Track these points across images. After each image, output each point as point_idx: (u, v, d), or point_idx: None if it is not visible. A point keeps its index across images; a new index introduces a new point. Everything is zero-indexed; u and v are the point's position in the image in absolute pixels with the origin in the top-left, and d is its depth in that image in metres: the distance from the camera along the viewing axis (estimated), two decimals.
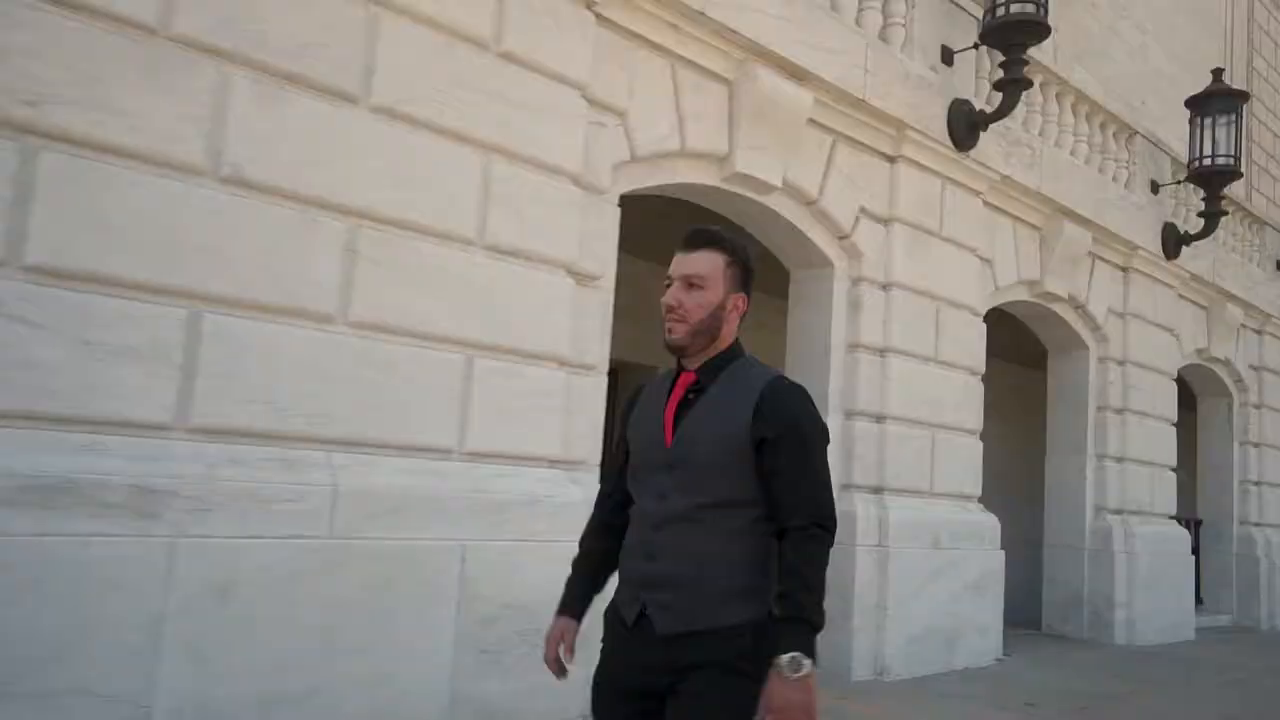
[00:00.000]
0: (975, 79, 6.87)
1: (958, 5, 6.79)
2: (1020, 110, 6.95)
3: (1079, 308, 8.14)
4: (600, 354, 4.56)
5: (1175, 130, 13.70)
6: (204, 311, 3.27)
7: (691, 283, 1.91)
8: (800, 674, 1.70)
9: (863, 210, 6.00)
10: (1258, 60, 16.96)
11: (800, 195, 5.65)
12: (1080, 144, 8.04)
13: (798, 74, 5.39)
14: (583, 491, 4.12)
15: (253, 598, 3.23)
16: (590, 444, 4.50)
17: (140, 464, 3.06)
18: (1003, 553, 6.70)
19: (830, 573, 5.47)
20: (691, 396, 1.93)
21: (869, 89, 5.81)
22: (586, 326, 4.44)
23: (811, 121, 5.56)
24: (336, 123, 3.61)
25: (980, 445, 6.80)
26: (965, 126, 6.46)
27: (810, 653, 1.72)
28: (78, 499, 2.91)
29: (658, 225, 4.90)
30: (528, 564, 3.91)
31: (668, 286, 1.94)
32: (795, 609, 1.74)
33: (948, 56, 6.58)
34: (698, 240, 1.96)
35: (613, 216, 4.66)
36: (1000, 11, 6.18)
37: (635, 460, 1.98)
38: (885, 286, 6.11)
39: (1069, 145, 7.90)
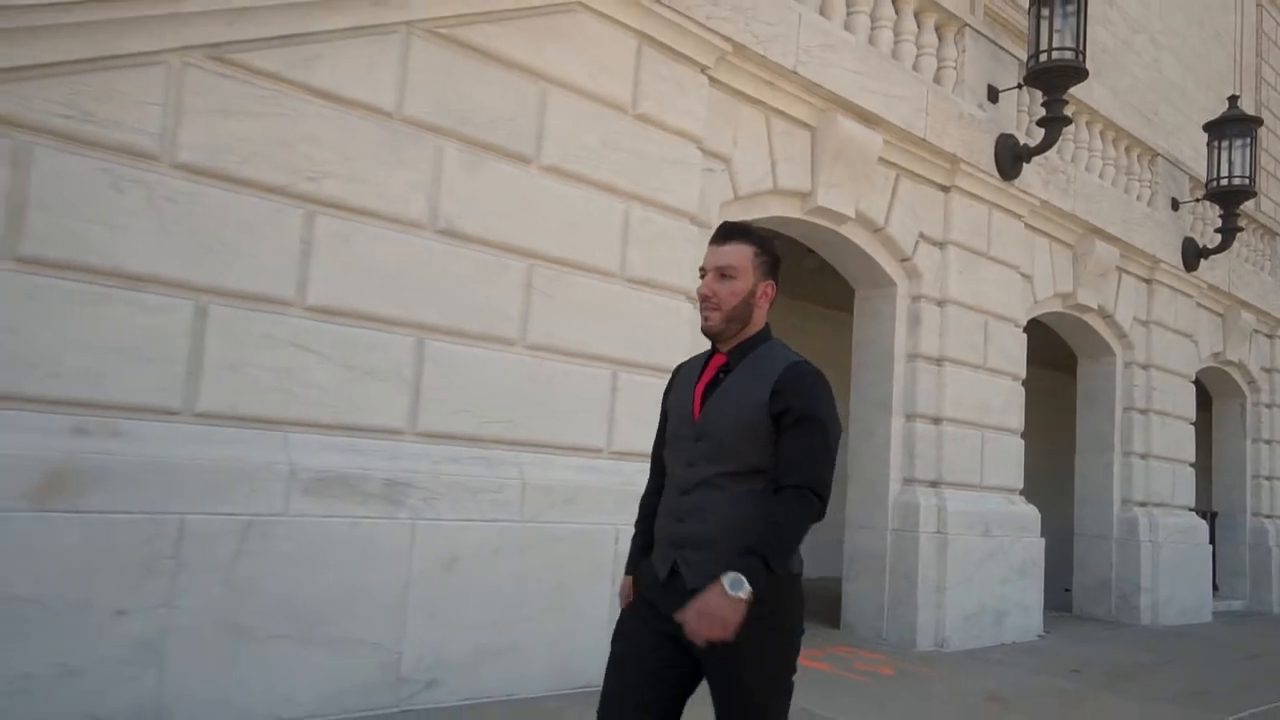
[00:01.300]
0: (1017, 113, 7.62)
1: (1000, 48, 7.55)
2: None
3: (1107, 317, 8.88)
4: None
5: (1188, 139, 14.48)
6: (426, 339, 4.05)
7: (724, 273, 2.05)
8: (735, 594, 1.81)
9: (922, 235, 6.76)
10: (1265, 69, 17.69)
11: (869, 224, 6.42)
12: (1108, 167, 8.79)
13: (870, 119, 6.15)
14: None
15: (469, 570, 4.02)
16: None
17: (387, 461, 3.84)
18: (1043, 540, 7.47)
19: (897, 557, 6.37)
20: (721, 376, 2.07)
21: (928, 129, 6.57)
22: (703, 343, 5.20)
23: (880, 159, 6.32)
24: (517, 181, 4.39)
25: (1021, 443, 7.56)
26: (1010, 158, 7.21)
27: (755, 583, 1.82)
28: (348, 489, 3.70)
29: None
30: None
31: (702, 277, 2.09)
32: (760, 545, 1.86)
33: (993, 95, 7.33)
34: (728, 234, 2.11)
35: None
36: (1043, 57, 6.93)
37: (670, 432, 2.14)
38: (941, 303, 6.86)
39: (1098, 169, 8.65)
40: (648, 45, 4.90)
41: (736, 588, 1.80)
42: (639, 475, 4.77)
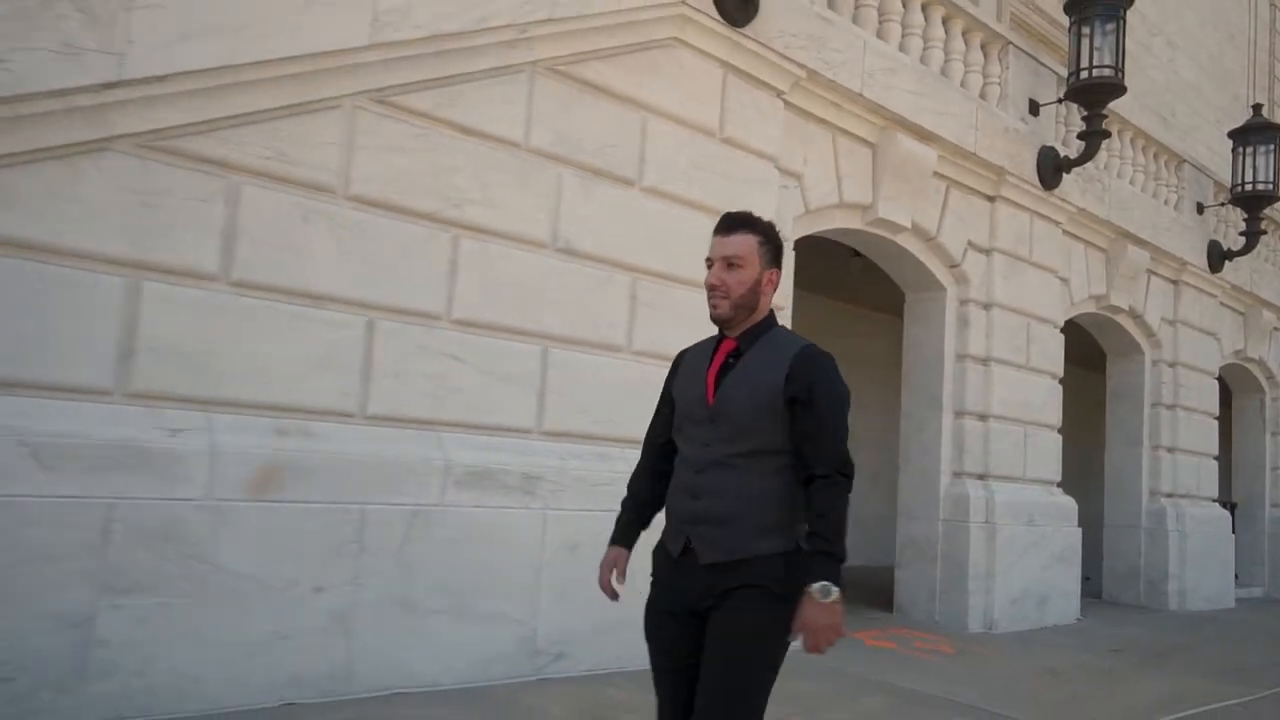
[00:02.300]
0: (1055, 125, 8.03)
1: (1040, 63, 7.96)
2: None
3: (1137, 317, 9.31)
4: None
5: (1203, 139, 14.87)
6: (550, 347, 4.51)
7: (731, 263, 2.10)
8: (829, 599, 1.91)
9: (970, 243, 7.19)
10: (1279, 67, 18.04)
11: (923, 233, 6.85)
12: (1138, 174, 9.20)
13: (925, 136, 6.58)
14: None
15: (589, 554, 4.44)
16: None
17: (521, 457, 4.30)
18: (1080, 530, 7.92)
19: (949, 545, 6.86)
20: (732, 361, 2.12)
21: (978, 144, 7.00)
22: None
23: (934, 173, 6.75)
24: (622, 202, 4.83)
25: (1059, 438, 8.00)
26: (1051, 169, 7.64)
27: (837, 581, 1.93)
28: (492, 482, 4.16)
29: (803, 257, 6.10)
30: None
31: (709, 267, 2.15)
32: (824, 544, 1.95)
33: (1034, 108, 7.75)
34: (733, 224, 2.16)
35: (790, 259, 5.87)
36: (1084, 74, 7.35)
37: (681, 415, 2.18)
38: (987, 306, 7.30)
39: (1128, 175, 9.06)
40: (732, 74, 5.34)
41: (826, 594, 1.91)
42: None
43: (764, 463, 2.04)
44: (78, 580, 3.06)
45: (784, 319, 5.73)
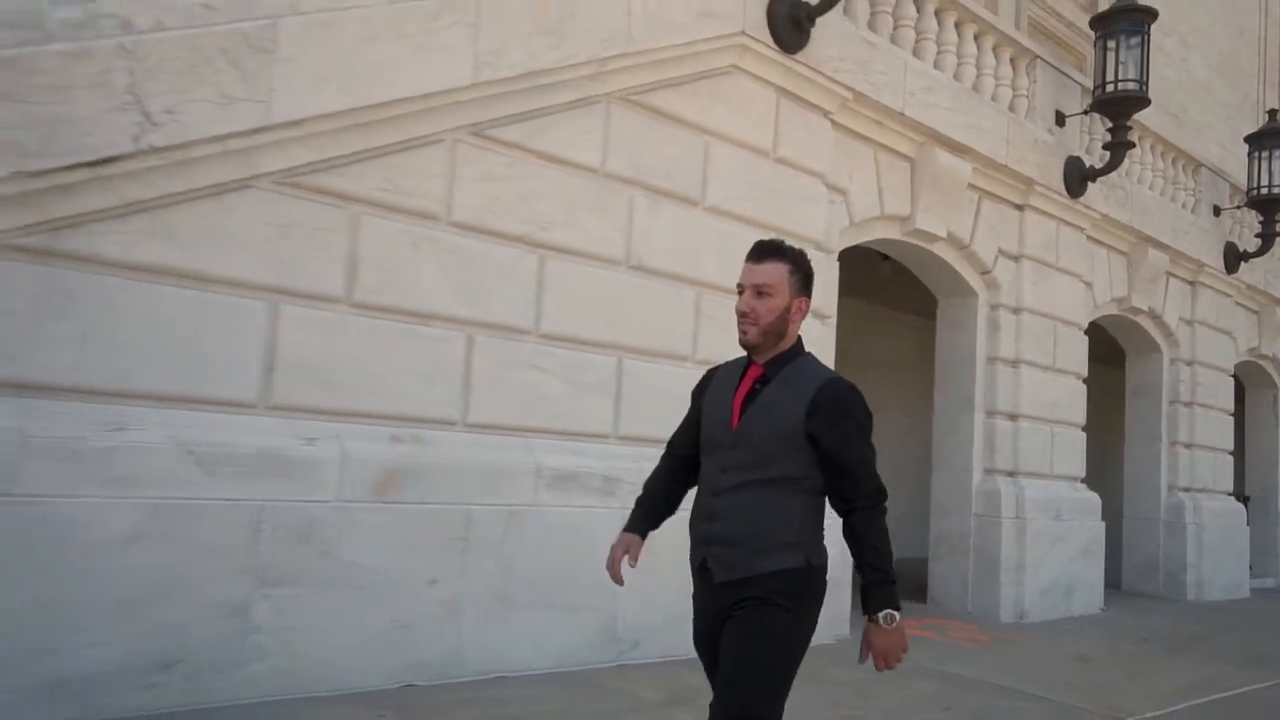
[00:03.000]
0: (1079, 134, 8.35)
1: (1066, 75, 8.27)
2: None
3: (1156, 318, 9.63)
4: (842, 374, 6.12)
5: (1214, 137, 15.13)
6: (624, 358, 4.86)
7: (761, 290, 2.16)
8: (894, 625, 2.05)
9: (1000, 250, 7.52)
10: None
11: (957, 242, 7.18)
12: (1157, 179, 9.51)
13: (960, 150, 6.91)
14: None
15: (661, 550, 4.77)
16: None
17: (601, 461, 4.66)
18: (1104, 524, 8.27)
19: (980, 539, 7.25)
20: (758, 387, 2.16)
21: (1009, 156, 7.32)
22: (828, 355, 6.01)
23: (968, 185, 7.08)
24: (687, 221, 5.17)
25: (1084, 436, 8.34)
26: (1077, 179, 7.96)
27: (896, 606, 2.06)
28: (576, 484, 4.52)
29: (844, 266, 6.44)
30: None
31: (740, 293, 2.21)
32: (878, 574, 2.05)
33: (1060, 120, 8.07)
34: (764, 252, 2.21)
35: (836, 269, 6.22)
36: (1109, 87, 7.66)
37: (705, 438, 2.24)
38: (1016, 311, 7.63)
39: (1148, 181, 9.37)
40: (785, 98, 5.67)
41: (890, 622, 2.04)
42: None
43: (778, 488, 2.09)
44: (235, 574, 3.42)
45: (829, 327, 6.09)
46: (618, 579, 2.36)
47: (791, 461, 2.09)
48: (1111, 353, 10.30)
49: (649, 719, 3.79)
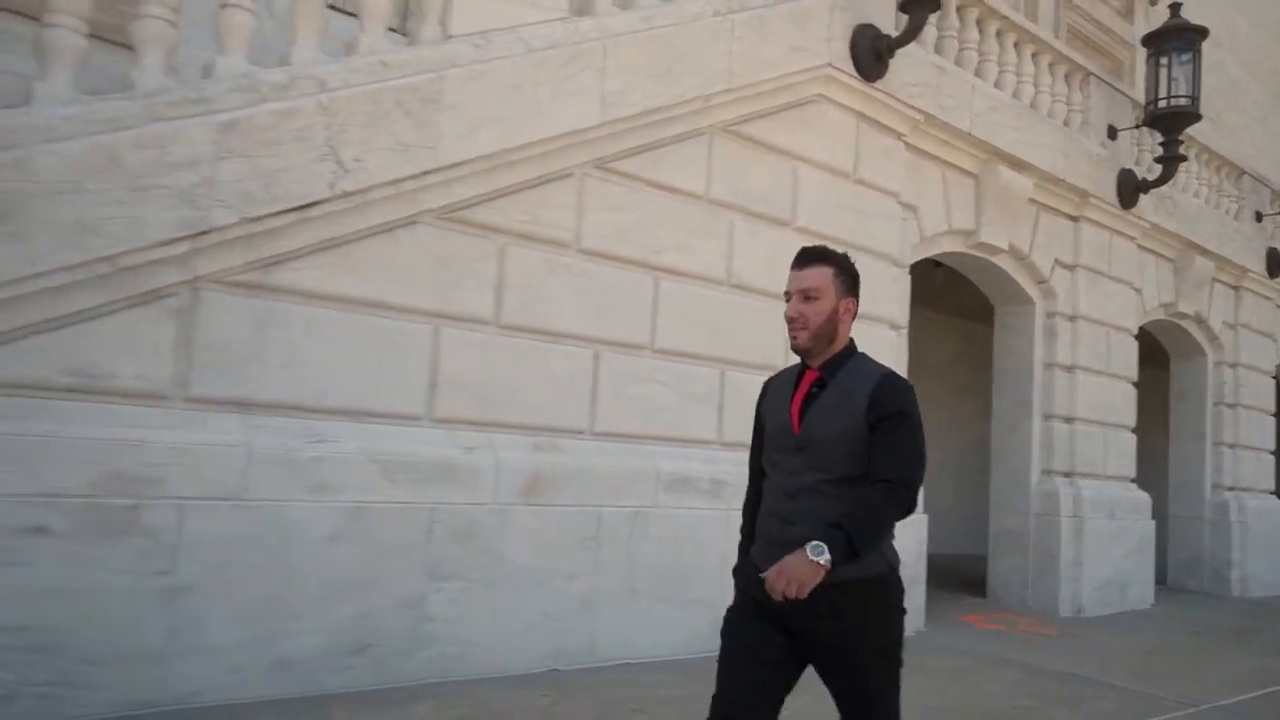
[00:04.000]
0: (1130, 146, 8.66)
1: (1118, 90, 8.59)
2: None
3: (1201, 322, 9.93)
4: (908, 378, 6.48)
5: (1248, 137, 15.30)
6: (726, 370, 5.25)
7: (808, 295, 2.18)
8: (815, 559, 1.92)
9: (1056, 260, 7.86)
10: None
11: (1017, 253, 7.53)
12: (1203, 187, 9.80)
13: (1021, 166, 7.25)
14: None
15: None
16: None
17: (708, 465, 5.05)
18: (1154, 522, 8.59)
19: (1039, 536, 7.66)
20: (816, 390, 2.18)
21: (1066, 170, 7.66)
22: (901, 363, 6.38)
23: (1028, 199, 7.42)
24: (780, 241, 5.55)
25: (1134, 437, 8.66)
26: (1130, 190, 8.28)
27: (834, 551, 1.93)
28: (689, 487, 4.92)
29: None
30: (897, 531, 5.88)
31: (787, 300, 2.22)
32: (846, 521, 1.98)
33: (1112, 133, 8.38)
34: (808, 258, 2.23)
35: (908, 282, 6.58)
36: (1162, 103, 7.98)
37: (770, 444, 2.25)
38: (1072, 318, 7.97)
39: (1193, 189, 9.67)
40: (864, 122, 6.04)
41: (817, 553, 1.92)
42: None
43: (851, 487, 2.08)
44: (412, 569, 3.84)
45: (901, 337, 6.46)
46: None
47: (860, 459, 2.09)
48: (1153, 355, 10.60)
49: None
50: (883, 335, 6.17)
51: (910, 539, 6.15)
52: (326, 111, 3.63)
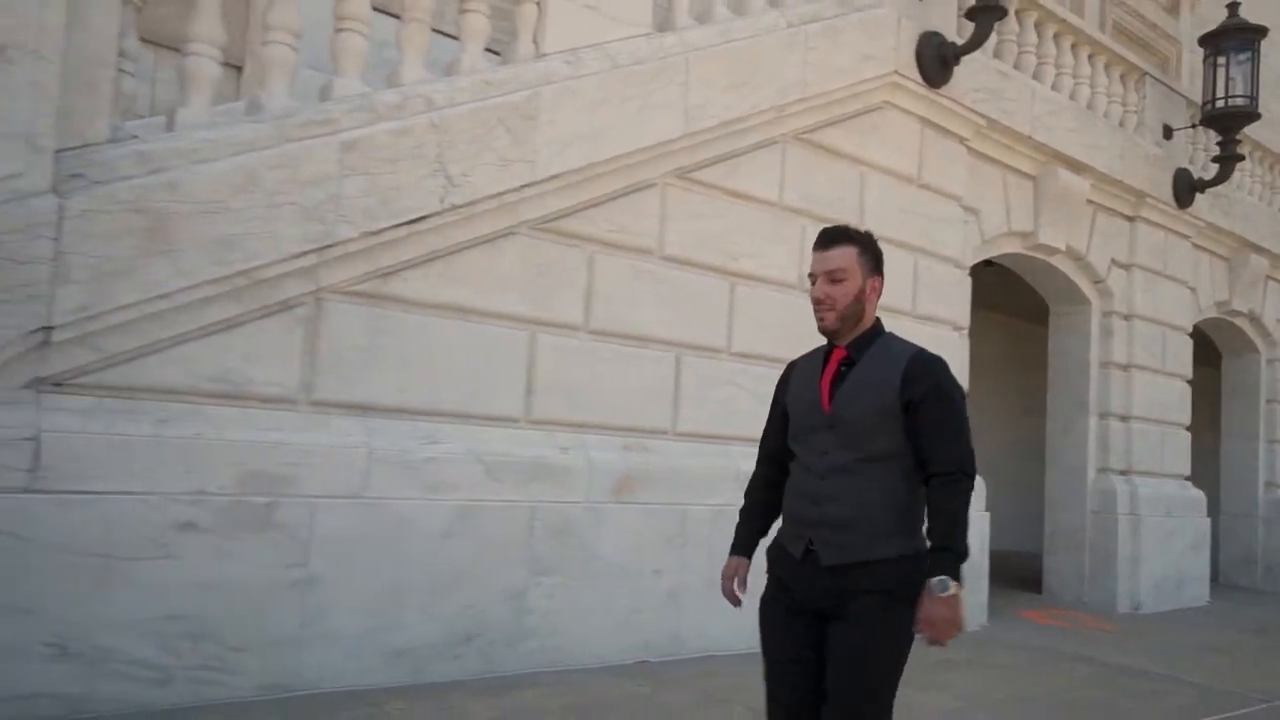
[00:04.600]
0: (1185, 146, 8.67)
1: (1173, 90, 8.61)
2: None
3: (1254, 319, 9.90)
4: (964, 382, 6.60)
5: None
6: None
7: (834, 277, 2.17)
8: (947, 593, 1.94)
9: (1113, 260, 7.91)
10: None
11: (1074, 254, 7.59)
12: (1256, 184, 9.77)
13: (1079, 168, 7.32)
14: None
15: None
16: None
17: None
18: (1209, 520, 8.62)
19: (1096, 534, 7.76)
20: (844, 369, 2.17)
21: (1123, 171, 7.70)
22: (964, 363, 6.49)
23: (1086, 200, 7.48)
24: None
25: (1189, 435, 8.69)
26: (1185, 190, 8.30)
27: (956, 576, 1.96)
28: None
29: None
30: None
31: (813, 282, 2.22)
32: (943, 540, 1.99)
33: (1168, 133, 8.41)
34: (832, 238, 2.22)
35: (969, 284, 6.68)
36: (1220, 103, 7.99)
37: (797, 424, 2.22)
38: (1127, 317, 8.02)
39: (1247, 187, 9.64)
40: (928, 128, 6.15)
41: (944, 588, 1.95)
42: None
43: (883, 467, 2.08)
44: (515, 564, 4.04)
45: (964, 337, 6.56)
46: (735, 601, 2.34)
47: (890, 437, 2.08)
48: (1203, 353, 10.57)
49: None
50: (946, 336, 6.28)
51: (972, 535, 6.25)
52: (437, 129, 3.83)
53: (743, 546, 2.39)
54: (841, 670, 2.03)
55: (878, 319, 2.26)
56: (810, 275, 2.25)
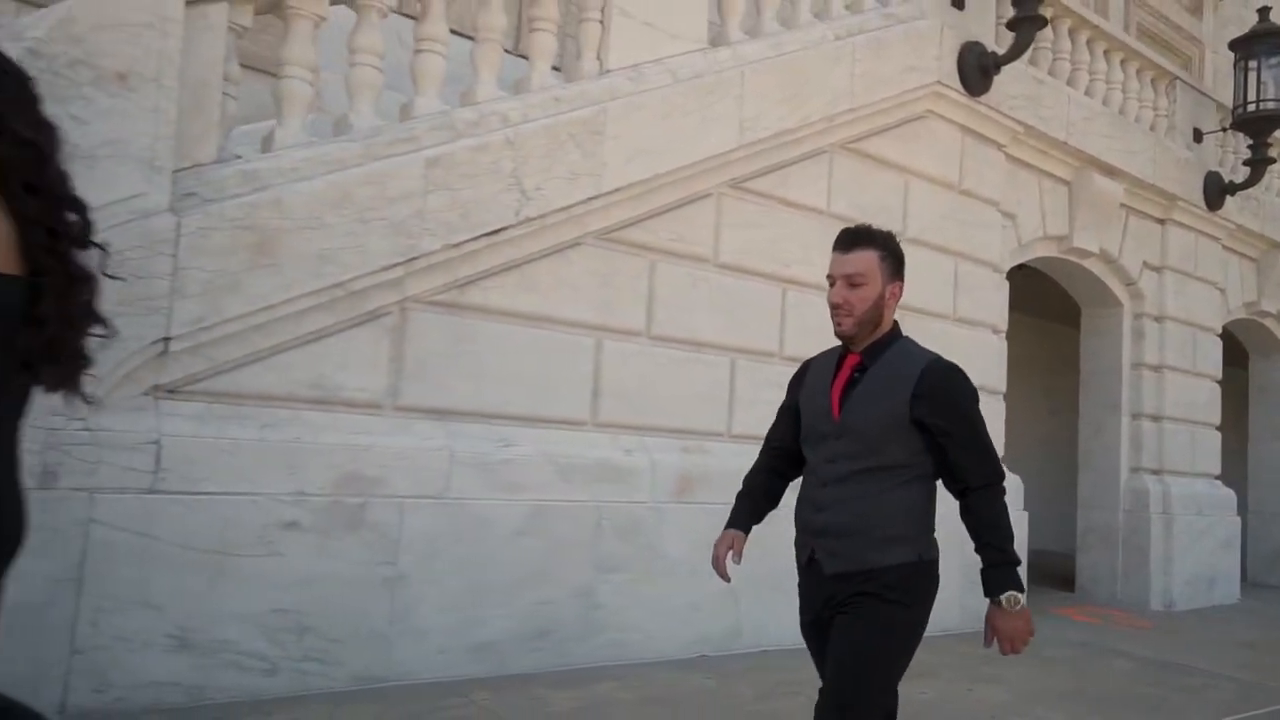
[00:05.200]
0: (1215, 149, 8.76)
1: (1203, 94, 8.71)
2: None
3: None
4: (1002, 384, 6.73)
5: None
6: None
7: (852, 281, 2.13)
8: (1018, 607, 1.99)
9: (1144, 263, 8.02)
10: None
11: (1107, 257, 7.71)
12: None
13: (1113, 172, 7.43)
14: (1013, 479, 6.33)
15: None
16: (1000, 445, 6.67)
17: None
18: (1239, 518, 8.72)
19: (1129, 532, 7.88)
20: (857, 376, 2.13)
21: (1155, 175, 7.81)
22: (1000, 367, 6.62)
23: (1119, 204, 7.60)
24: None
25: (1219, 435, 8.79)
26: (1216, 193, 8.40)
27: (1020, 588, 1.99)
28: None
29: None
30: None
31: (831, 285, 2.19)
32: (1000, 555, 2.01)
33: (1198, 136, 8.51)
34: (852, 241, 2.18)
35: (1007, 288, 6.80)
36: (1251, 107, 8.08)
37: (806, 429, 2.21)
38: (1159, 319, 8.12)
39: (1275, 188, 9.72)
40: (968, 135, 6.29)
41: (1014, 604, 1.99)
42: None
43: (889, 477, 2.05)
44: (584, 562, 4.21)
45: (1001, 340, 6.69)
46: (724, 575, 2.35)
47: (899, 447, 2.05)
48: (1229, 353, 10.65)
49: None
50: (985, 339, 6.42)
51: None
52: (512, 145, 3.99)
53: (736, 521, 2.36)
54: (834, 667, 2.03)
55: (895, 323, 2.23)
56: (829, 277, 2.21)
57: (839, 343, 2.27)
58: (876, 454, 2.05)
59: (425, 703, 3.43)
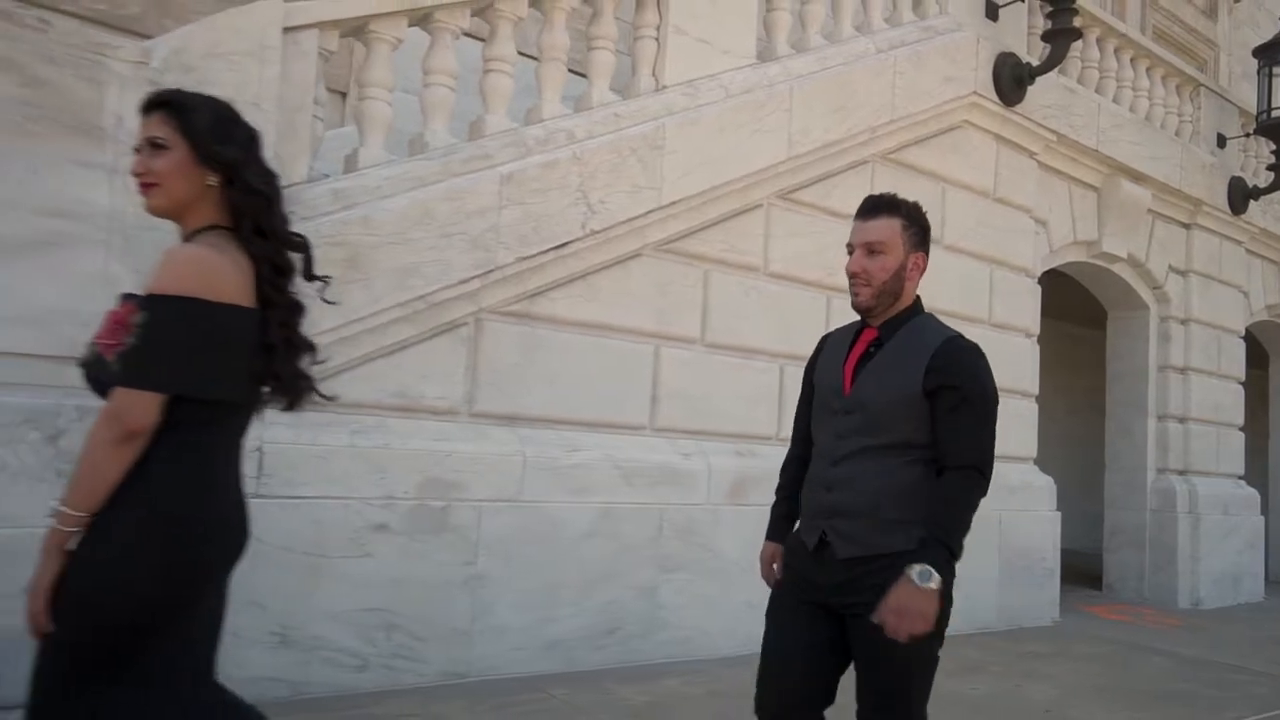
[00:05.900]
0: (1238, 154, 8.89)
1: (1226, 99, 8.83)
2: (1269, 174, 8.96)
3: None
4: (1035, 387, 6.86)
5: None
6: None
7: (872, 249, 2.02)
8: (928, 585, 1.78)
9: (1170, 267, 8.15)
10: None
11: (1134, 261, 7.84)
12: None
13: (1140, 178, 7.56)
14: (1043, 479, 6.47)
15: None
16: (1032, 445, 6.81)
17: None
18: (1263, 518, 8.84)
19: (1156, 532, 8.08)
20: (872, 350, 2.04)
21: (1182, 181, 7.94)
22: (1033, 371, 6.75)
23: (1147, 209, 7.73)
24: (931, 259, 5.95)
25: (1243, 435, 8.91)
26: (1240, 197, 8.52)
27: (942, 570, 1.80)
28: None
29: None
30: (1024, 523, 6.28)
31: (850, 253, 2.06)
32: (939, 532, 1.84)
33: (1222, 141, 8.63)
34: (875, 208, 2.07)
35: (1039, 293, 6.94)
36: (1276, 113, 8.20)
37: (818, 405, 2.12)
38: (1184, 322, 8.25)
39: None
40: (1002, 144, 6.42)
41: (925, 579, 1.79)
42: (1009, 473, 6.37)
43: (900, 455, 1.96)
44: (647, 562, 4.36)
45: (1034, 344, 6.82)
46: (774, 586, 2.25)
47: (910, 425, 1.95)
48: (1250, 354, 10.76)
49: (944, 683, 4.63)
50: (1019, 343, 6.56)
51: (1045, 536, 6.54)
52: (579, 161, 4.15)
53: (775, 532, 2.28)
54: (874, 677, 1.95)
55: (918, 298, 2.12)
56: (848, 246, 2.09)
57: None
58: (887, 431, 1.96)
59: (506, 697, 3.58)
